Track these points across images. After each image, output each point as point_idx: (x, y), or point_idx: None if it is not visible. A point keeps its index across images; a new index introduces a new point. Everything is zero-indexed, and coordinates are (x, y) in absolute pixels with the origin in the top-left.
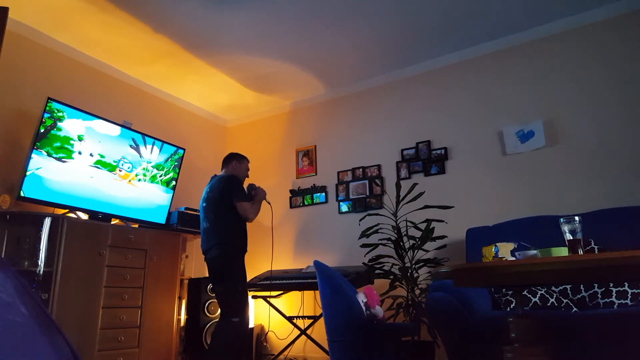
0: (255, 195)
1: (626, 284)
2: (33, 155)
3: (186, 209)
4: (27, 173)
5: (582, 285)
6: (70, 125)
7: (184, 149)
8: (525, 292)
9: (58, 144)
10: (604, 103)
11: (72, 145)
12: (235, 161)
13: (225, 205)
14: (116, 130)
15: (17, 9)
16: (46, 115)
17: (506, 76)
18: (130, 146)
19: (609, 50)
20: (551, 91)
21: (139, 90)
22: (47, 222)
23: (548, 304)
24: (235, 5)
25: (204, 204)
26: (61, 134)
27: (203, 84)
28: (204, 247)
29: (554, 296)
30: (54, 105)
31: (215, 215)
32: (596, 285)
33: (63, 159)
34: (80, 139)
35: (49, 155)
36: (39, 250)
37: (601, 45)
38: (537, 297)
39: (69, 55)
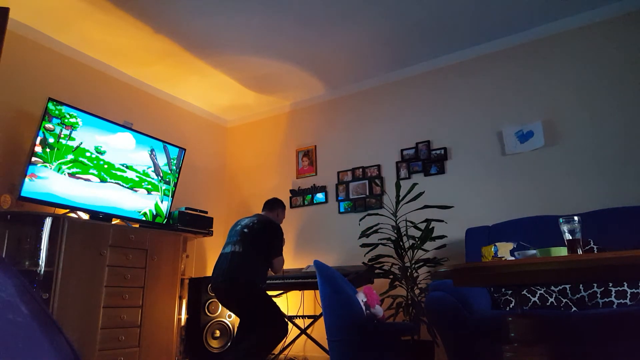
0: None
1: (625, 284)
2: (34, 159)
3: (187, 208)
4: (30, 179)
5: (581, 285)
6: (86, 136)
7: (185, 149)
8: (524, 292)
9: (71, 157)
10: (603, 103)
11: (87, 157)
12: (280, 209)
13: (264, 248)
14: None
15: (18, 9)
16: (55, 120)
17: (506, 76)
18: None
19: (608, 51)
20: (551, 91)
21: (140, 91)
22: (48, 222)
23: (547, 304)
24: (235, 6)
25: (245, 230)
26: (74, 144)
27: (203, 84)
28: (227, 268)
29: (553, 296)
30: (65, 109)
31: (253, 249)
32: (595, 285)
33: (77, 175)
34: (98, 151)
35: (59, 171)
36: (40, 250)
37: (600, 45)
38: (537, 297)
39: (70, 56)
